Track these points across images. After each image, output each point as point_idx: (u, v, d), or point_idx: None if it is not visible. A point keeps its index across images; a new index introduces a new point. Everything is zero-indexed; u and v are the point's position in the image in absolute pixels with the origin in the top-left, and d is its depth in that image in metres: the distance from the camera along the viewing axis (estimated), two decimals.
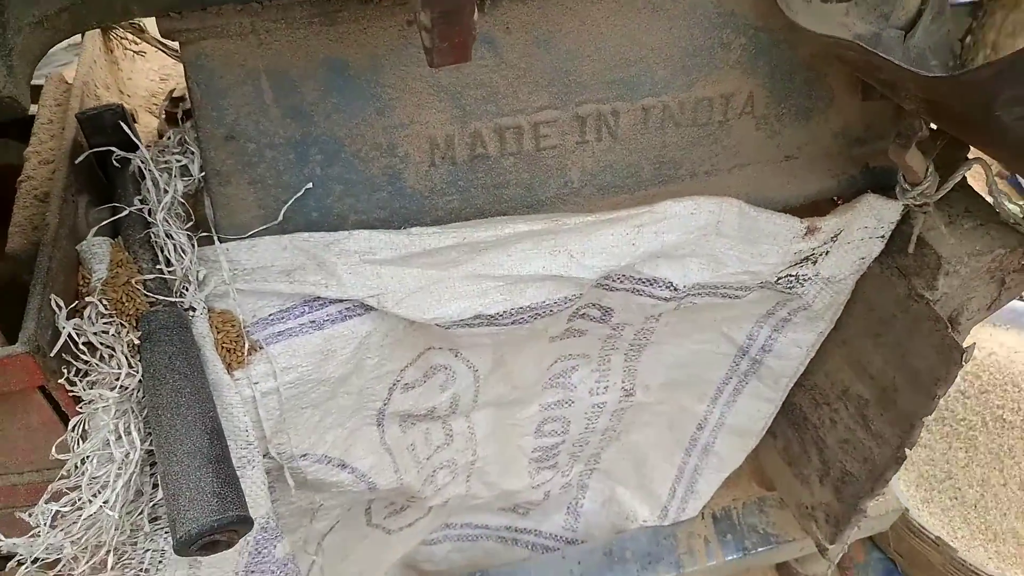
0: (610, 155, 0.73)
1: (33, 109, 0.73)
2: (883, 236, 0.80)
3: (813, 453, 1.07)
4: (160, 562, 0.59)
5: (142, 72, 0.89)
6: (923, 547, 1.25)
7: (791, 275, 0.80)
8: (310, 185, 0.65)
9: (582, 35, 0.66)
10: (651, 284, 0.77)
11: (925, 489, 1.36)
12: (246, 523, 0.52)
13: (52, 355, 0.53)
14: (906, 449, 0.90)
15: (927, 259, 0.79)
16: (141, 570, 0.58)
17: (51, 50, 0.54)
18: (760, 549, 1.11)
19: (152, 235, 0.62)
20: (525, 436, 0.99)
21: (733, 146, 0.76)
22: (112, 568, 0.56)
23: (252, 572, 0.65)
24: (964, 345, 0.77)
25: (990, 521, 1.30)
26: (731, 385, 1.01)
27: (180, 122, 0.77)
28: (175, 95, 0.79)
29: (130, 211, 0.63)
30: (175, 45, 0.65)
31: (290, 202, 0.65)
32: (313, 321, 0.65)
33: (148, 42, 0.78)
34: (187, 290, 0.62)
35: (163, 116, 0.78)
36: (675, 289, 0.77)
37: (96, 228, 0.62)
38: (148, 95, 0.87)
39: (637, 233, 0.72)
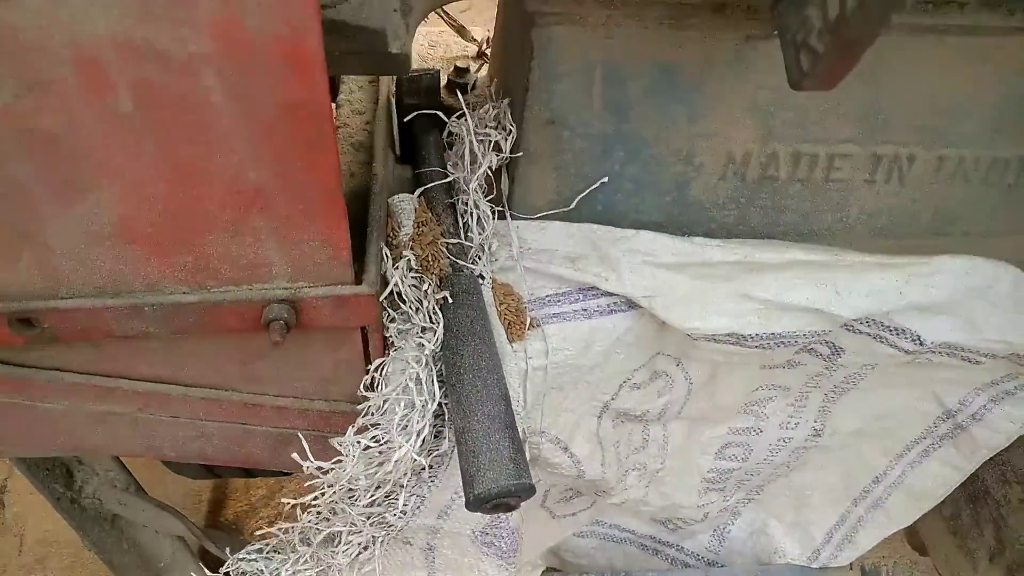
0: (892, 199, 0.72)
1: None
2: None
3: (988, 529, 1.03)
4: (419, 508, 0.63)
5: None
6: None
7: None
8: (606, 179, 0.67)
9: (905, 76, 0.65)
10: (898, 334, 0.75)
11: None
12: (531, 492, 0.54)
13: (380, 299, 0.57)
14: None
15: None
16: (401, 512, 0.62)
17: None
18: None
19: (460, 202, 0.65)
20: (705, 455, 0.99)
21: (1015, 211, 0.74)
22: (383, 504, 0.59)
23: (488, 534, 0.67)
24: None
25: None
26: (922, 446, 0.99)
27: (462, 92, 0.79)
28: (458, 64, 0.82)
29: (438, 174, 0.66)
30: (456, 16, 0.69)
31: (585, 192, 0.67)
32: (584, 309, 0.67)
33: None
34: (479, 259, 0.65)
35: (446, 84, 0.81)
36: (921, 343, 0.75)
37: (403, 184, 0.66)
38: (418, 59, 0.91)
39: (906, 283, 0.71)
